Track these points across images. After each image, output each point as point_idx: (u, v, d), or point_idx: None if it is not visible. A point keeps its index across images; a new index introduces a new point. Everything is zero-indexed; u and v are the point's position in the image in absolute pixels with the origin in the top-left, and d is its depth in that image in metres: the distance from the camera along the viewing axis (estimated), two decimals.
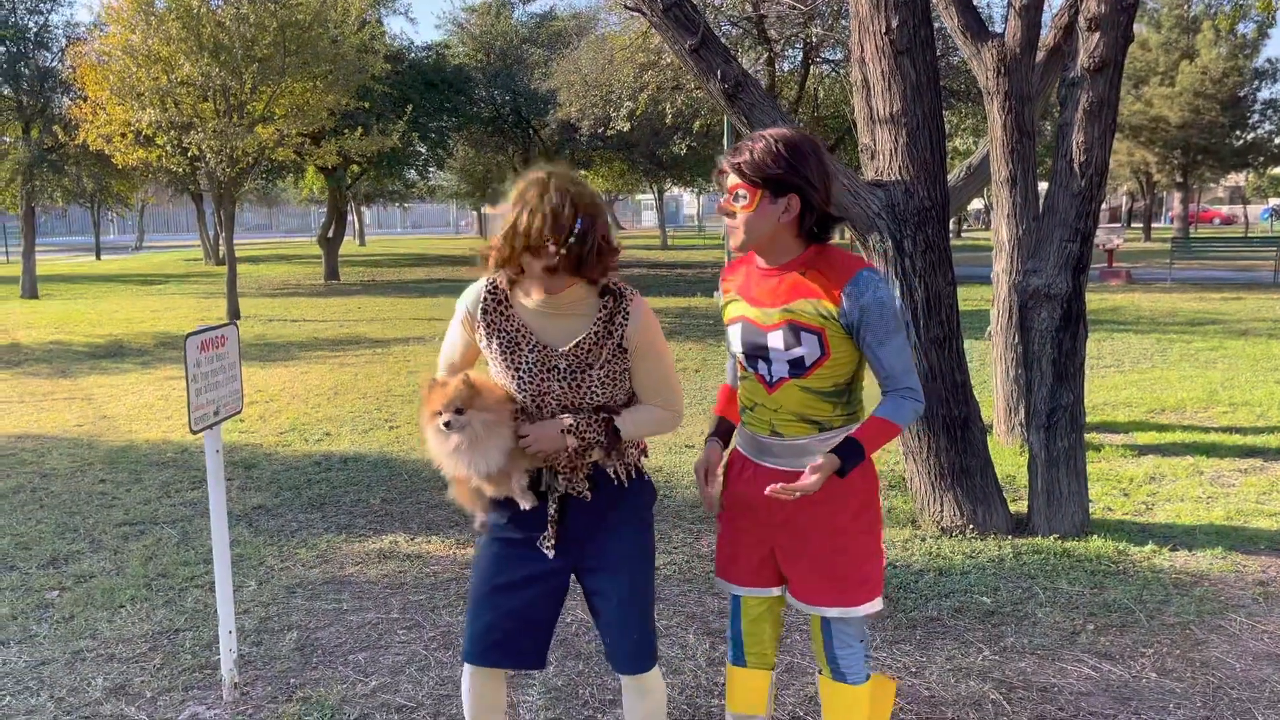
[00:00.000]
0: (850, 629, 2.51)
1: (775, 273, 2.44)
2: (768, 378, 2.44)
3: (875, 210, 4.60)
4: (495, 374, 2.37)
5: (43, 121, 20.68)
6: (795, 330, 2.37)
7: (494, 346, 2.33)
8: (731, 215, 2.40)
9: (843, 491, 2.42)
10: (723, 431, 2.64)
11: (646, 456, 2.50)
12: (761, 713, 2.68)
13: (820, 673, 2.60)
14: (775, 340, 2.40)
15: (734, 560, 2.58)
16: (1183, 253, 21.57)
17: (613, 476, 2.39)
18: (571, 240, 2.19)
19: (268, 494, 5.80)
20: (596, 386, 2.31)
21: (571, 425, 2.28)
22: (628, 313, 2.31)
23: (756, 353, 2.45)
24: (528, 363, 2.30)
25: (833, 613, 2.48)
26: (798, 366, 2.39)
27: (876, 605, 2.51)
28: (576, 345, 2.29)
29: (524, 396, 2.32)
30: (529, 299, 2.32)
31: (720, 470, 2.57)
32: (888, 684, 2.71)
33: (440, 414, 2.24)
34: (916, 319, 4.65)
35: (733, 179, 2.38)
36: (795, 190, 2.36)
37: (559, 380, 2.30)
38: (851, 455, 2.34)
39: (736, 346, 2.50)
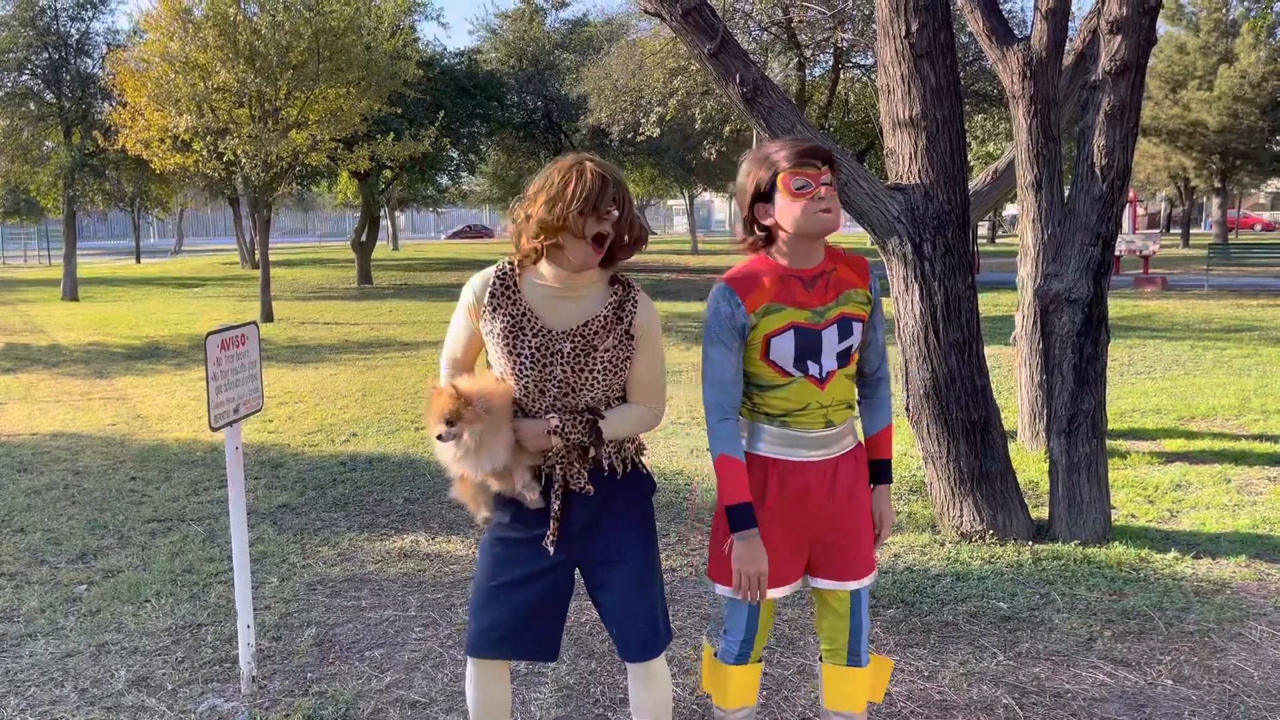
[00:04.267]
0: (867, 600, 2.67)
1: (811, 273, 2.50)
2: (819, 375, 2.48)
3: (894, 214, 4.60)
4: (495, 361, 2.40)
5: (84, 127, 21.14)
6: (848, 322, 2.50)
7: (497, 330, 2.36)
8: (820, 200, 2.40)
9: (863, 472, 2.63)
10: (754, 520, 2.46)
11: (643, 454, 2.54)
12: (755, 702, 2.74)
13: (823, 660, 2.68)
14: (830, 336, 2.48)
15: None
16: (1220, 259, 21.27)
17: (606, 470, 2.44)
18: (624, 213, 2.29)
19: (293, 493, 5.88)
20: (599, 372, 2.35)
21: (558, 426, 2.34)
22: (636, 301, 2.40)
23: (808, 354, 2.46)
24: (530, 348, 2.33)
25: (865, 582, 2.61)
26: (844, 357, 2.51)
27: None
28: (585, 325, 2.34)
29: (524, 383, 2.35)
30: (540, 280, 2.36)
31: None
32: (886, 661, 2.77)
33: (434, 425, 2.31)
34: (935, 323, 4.63)
35: (821, 166, 2.41)
36: None
37: (562, 364, 2.34)
38: (889, 474, 2.68)
39: (785, 356, 2.45)
